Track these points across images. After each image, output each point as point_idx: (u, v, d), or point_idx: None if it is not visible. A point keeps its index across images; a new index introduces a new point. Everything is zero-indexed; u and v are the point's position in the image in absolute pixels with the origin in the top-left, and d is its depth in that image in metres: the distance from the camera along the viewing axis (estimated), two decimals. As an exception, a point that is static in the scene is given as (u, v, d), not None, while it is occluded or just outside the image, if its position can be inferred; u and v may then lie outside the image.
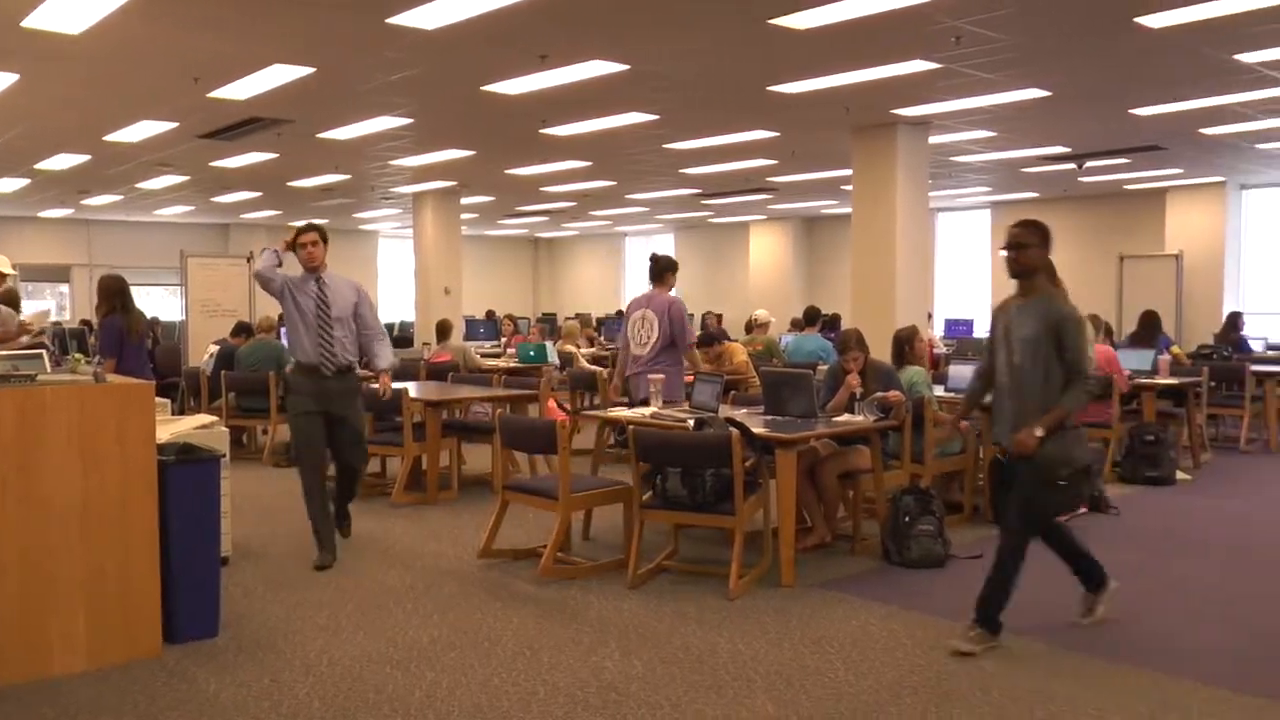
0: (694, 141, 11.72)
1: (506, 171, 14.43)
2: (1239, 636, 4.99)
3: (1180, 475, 9.02)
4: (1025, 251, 4.76)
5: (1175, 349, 11.71)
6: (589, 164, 13.53)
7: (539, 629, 5.04)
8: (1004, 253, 4.82)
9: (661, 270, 7.71)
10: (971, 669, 4.53)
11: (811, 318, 11.60)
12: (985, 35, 7.13)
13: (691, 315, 8.66)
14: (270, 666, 4.54)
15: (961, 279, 19.46)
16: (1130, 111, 10.14)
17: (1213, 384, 10.72)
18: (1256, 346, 13.18)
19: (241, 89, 8.91)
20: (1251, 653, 4.76)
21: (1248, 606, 5.45)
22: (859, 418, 6.46)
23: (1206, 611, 5.38)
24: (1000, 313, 4.93)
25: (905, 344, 7.46)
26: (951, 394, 7.92)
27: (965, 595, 5.61)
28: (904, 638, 4.95)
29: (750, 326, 12.53)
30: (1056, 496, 4.80)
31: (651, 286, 7.74)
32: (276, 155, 12.68)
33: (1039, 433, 4.59)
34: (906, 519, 6.19)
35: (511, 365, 12.23)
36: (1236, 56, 7.93)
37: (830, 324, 13.50)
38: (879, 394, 6.53)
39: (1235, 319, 13.89)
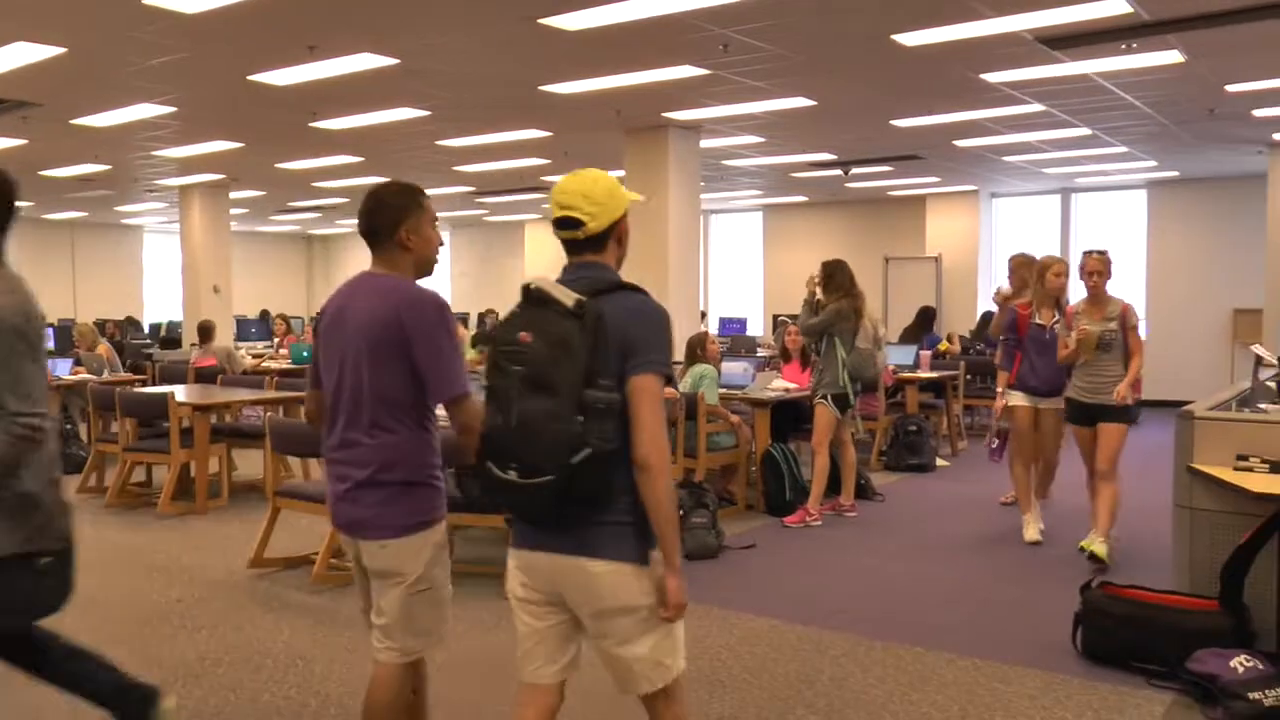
0: (467, 139, 11.61)
1: (277, 165, 13.92)
2: (985, 609, 5.37)
3: (940, 462, 9.64)
4: None
5: (943, 344, 12.50)
6: (361, 159, 13.22)
7: (312, 639, 4.92)
8: None
9: None
10: (742, 656, 4.70)
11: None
12: (752, 45, 7.36)
13: (467, 315, 8.69)
14: (27, 697, 4.25)
15: (734, 279, 20.08)
16: (891, 123, 10.68)
17: (969, 377, 11.50)
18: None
19: (-19, 68, 8.28)
20: (994, 624, 5.13)
21: (993, 581, 5.87)
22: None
23: (960, 587, 5.76)
24: None
25: (698, 346, 7.96)
26: (723, 389, 8.18)
27: (739, 585, 5.84)
28: (678, 629, 5.08)
29: (525, 326, 12.51)
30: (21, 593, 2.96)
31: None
32: (25, 141, 11.81)
33: None
34: (680, 512, 6.35)
35: (285, 367, 11.87)
36: (983, 76, 8.48)
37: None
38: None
39: (988, 317, 14.90)
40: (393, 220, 3.09)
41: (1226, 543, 4.49)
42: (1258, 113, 10.12)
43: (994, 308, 15.42)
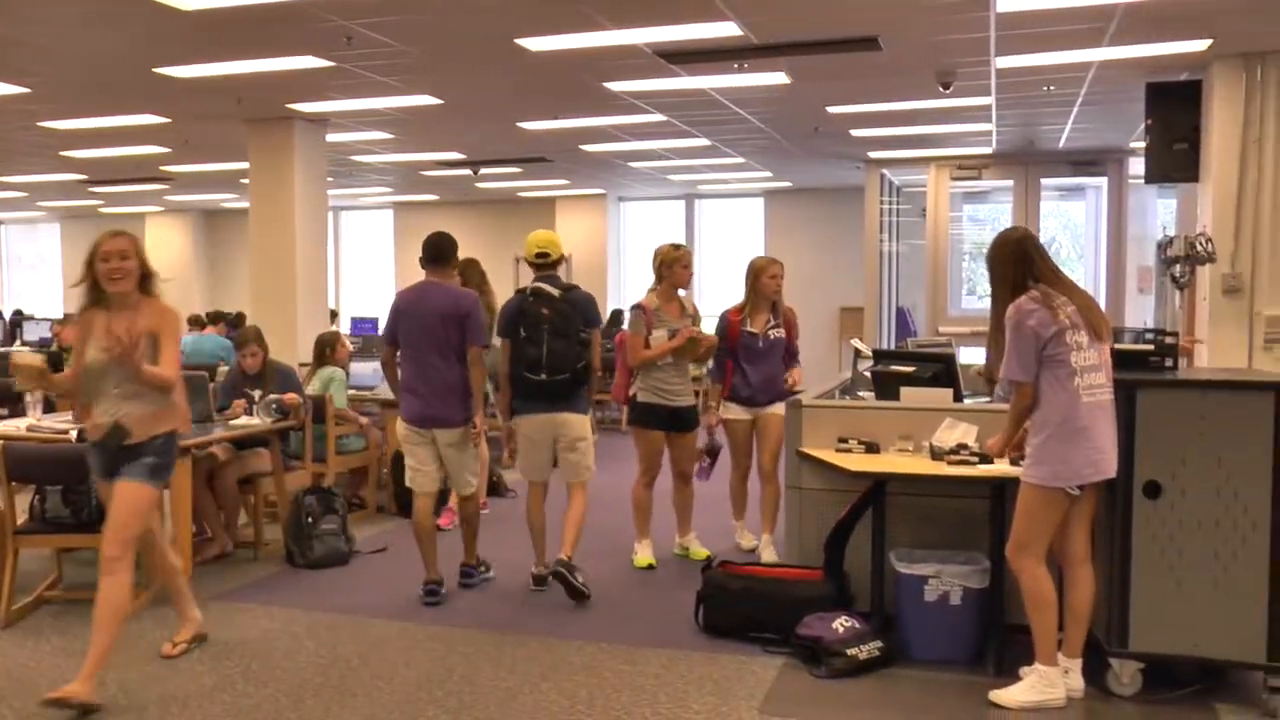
0: (75, 121, 10.58)
1: None
2: (617, 597, 5.55)
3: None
4: None
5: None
6: (-53, 139, 11.76)
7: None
8: None
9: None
10: (372, 661, 4.60)
11: (214, 317, 11.18)
12: (376, 39, 7.18)
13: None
14: None
15: (366, 277, 19.70)
16: (519, 125, 10.81)
17: (599, 374, 11.81)
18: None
19: None
20: (624, 610, 5.32)
21: (627, 570, 6.09)
22: (256, 420, 6.30)
23: (594, 578, 5.88)
24: None
25: (327, 346, 7.63)
26: (354, 390, 7.96)
27: (370, 589, 5.73)
28: (306, 639, 4.89)
29: (148, 326, 11.64)
30: None
31: None
32: None
33: None
34: (309, 519, 6.13)
35: None
36: (606, 84, 8.75)
37: (234, 323, 12.99)
38: (275, 395, 6.41)
39: (617, 315, 15.48)
40: (450, 258, 5.63)
41: (831, 518, 4.90)
42: (855, 132, 11.14)
43: (623, 306, 16.08)
